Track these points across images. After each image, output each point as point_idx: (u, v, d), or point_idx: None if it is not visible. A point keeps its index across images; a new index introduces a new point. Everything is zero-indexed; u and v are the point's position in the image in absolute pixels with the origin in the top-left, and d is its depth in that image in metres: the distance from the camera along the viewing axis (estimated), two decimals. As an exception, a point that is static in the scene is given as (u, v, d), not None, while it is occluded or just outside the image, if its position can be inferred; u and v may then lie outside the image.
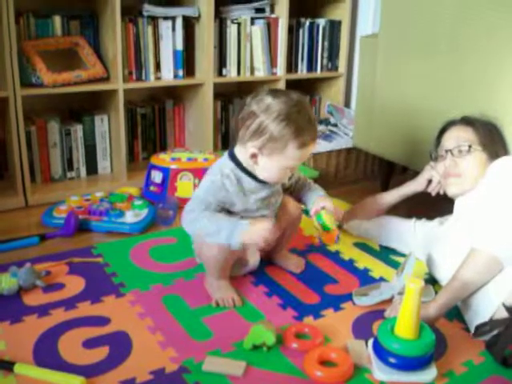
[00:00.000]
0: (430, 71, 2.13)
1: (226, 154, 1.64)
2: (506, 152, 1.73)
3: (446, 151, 1.75)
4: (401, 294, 1.54)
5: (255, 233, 1.48)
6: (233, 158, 1.60)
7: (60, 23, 2.47)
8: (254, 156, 1.54)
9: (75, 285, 1.70)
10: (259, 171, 1.58)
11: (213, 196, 1.55)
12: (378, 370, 1.30)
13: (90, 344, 1.41)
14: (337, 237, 1.65)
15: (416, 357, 1.27)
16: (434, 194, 1.89)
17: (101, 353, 1.37)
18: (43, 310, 1.55)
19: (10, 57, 2.18)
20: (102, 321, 1.51)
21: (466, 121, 1.79)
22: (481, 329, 1.41)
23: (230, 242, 1.49)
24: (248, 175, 1.59)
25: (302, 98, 1.58)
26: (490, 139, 1.73)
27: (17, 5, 2.17)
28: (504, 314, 1.39)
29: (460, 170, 1.72)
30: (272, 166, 1.55)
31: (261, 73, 2.91)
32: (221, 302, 1.60)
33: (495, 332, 1.39)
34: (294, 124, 1.48)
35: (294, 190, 1.79)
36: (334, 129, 2.94)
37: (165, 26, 2.60)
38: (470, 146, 1.70)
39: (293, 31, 3.05)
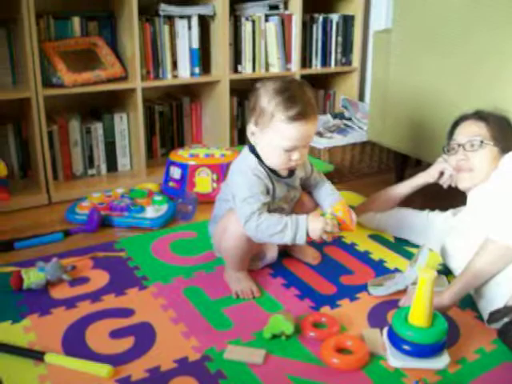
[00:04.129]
0: (443, 65, 2.15)
1: (246, 148, 1.67)
2: (518, 147, 1.76)
3: (459, 145, 1.78)
4: (415, 284, 1.56)
5: (317, 230, 1.52)
6: (254, 152, 1.63)
7: (79, 24, 2.53)
8: (253, 134, 1.60)
9: (100, 278, 1.76)
10: (262, 156, 1.61)
11: (257, 188, 1.57)
12: (393, 357, 1.34)
13: (115, 334, 1.47)
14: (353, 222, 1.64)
15: (429, 344, 1.32)
16: (445, 186, 1.92)
17: (126, 343, 1.43)
18: (70, 303, 1.61)
19: (31, 58, 2.24)
20: (127, 312, 1.57)
21: (479, 115, 1.81)
22: (494, 315, 1.44)
23: (295, 242, 1.54)
24: (268, 169, 1.62)
25: (301, 80, 1.62)
26: (503, 134, 1.75)
27: (37, 7, 2.22)
28: (517, 301, 1.42)
29: (472, 164, 1.74)
30: (267, 144, 1.57)
31: (275, 69, 2.95)
32: (240, 294, 1.65)
33: (508, 319, 1.42)
34: (281, 96, 1.51)
35: (310, 186, 1.82)
36: (348, 123, 2.97)
37: (181, 25, 2.65)
38: (481, 141, 1.73)
39: (306, 27, 3.08)
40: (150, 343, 1.43)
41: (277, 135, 1.54)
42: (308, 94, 1.56)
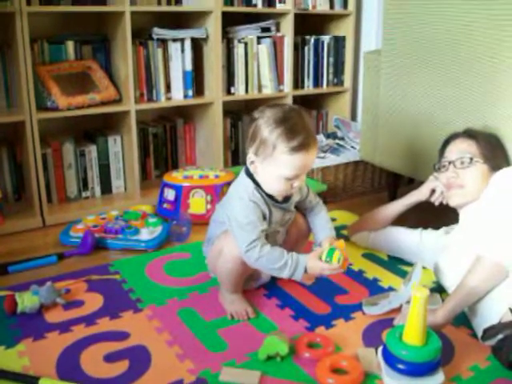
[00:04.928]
0: (433, 85, 2.17)
1: (242, 172, 1.67)
2: (507, 164, 1.78)
3: (449, 163, 1.80)
4: (409, 302, 1.57)
5: (315, 272, 1.56)
6: (250, 176, 1.63)
7: (73, 48, 2.56)
8: (252, 163, 1.59)
9: (94, 301, 1.76)
10: (262, 183, 1.61)
11: (254, 214, 1.57)
12: (388, 377, 1.34)
13: (110, 358, 1.46)
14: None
15: (424, 362, 1.31)
16: (437, 203, 1.93)
17: (121, 366, 1.43)
18: (64, 327, 1.61)
19: (26, 82, 2.26)
20: (122, 335, 1.56)
21: (469, 134, 1.84)
22: (488, 332, 1.45)
23: (291, 278, 1.56)
24: (265, 193, 1.62)
25: (298, 108, 1.61)
26: (492, 152, 1.78)
27: (31, 31, 2.25)
28: (511, 318, 1.43)
29: (462, 181, 1.76)
30: (268, 174, 1.57)
31: (268, 90, 2.98)
32: (235, 315, 1.66)
33: (502, 336, 1.42)
34: (282, 127, 1.51)
35: (305, 209, 1.82)
36: (341, 142, 2.99)
37: (174, 48, 2.68)
38: (471, 159, 1.75)
39: (298, 48, 3.12)
40: (145, 366, 1.43)
41: (279, 165, 1.53)
42: (307, 122, 1.57)
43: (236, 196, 1.62)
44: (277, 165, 1.54)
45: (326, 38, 3.19)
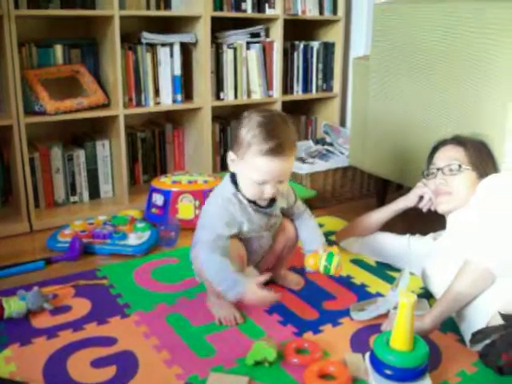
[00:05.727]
0: (421, 91, 2.19)
1: (227, 176, 1.68)
2: (495, 170, 1.79)
3: (437, 169, 1.82)
4: (396, 308, 1.58)
5: (252, 296, 1.50)
6: (234, 181, 1.64)
7: (61, 52, 2.55)
8: (232, 161, 1.61)
9: (81, 307, 1.75)
10: (240, 184, 1.62)
11: (219, 218, 1.58)
12: (375, 382, 1.34)
13: (97, 363, 1.45)
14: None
15: (411, 368, 1.32)
16: (425, 209, 1.94)
17: (109, 372, 1.42)
18: (51, 332, 1.60)
19: (13, 86, 2.25)
20: (109, 341, 1.56)
21: (457, 140, 1.85)
22: (476, 336, 1.46)
23: (225, 295, 1.53)
24: (246, 199, 1.63)
25: (283, 115, 1.62)
26: (480, 159, 1.79)
27: (19, 35, 2.24)
28: (499, 322, 1.43)
29: (450, 188, 1.77)
30: (242, 174, 1.59)
31: (257, 95, 2.99)
32: (223, 321, 1.65)
33: (489, 341, 1.42)
34: (260, 128, 1.51)
35: (292, 215, 1.82)
36: (330, 148, 3.00)
37: (163, 53, 2.68)
38: (460, 166, 1.76)
39: (288, 54, 3.13)
40: (132, 372, 1.42)
41: (250, 167, 1.54)
42: (289, 129, 1.56)
43: (211, 198, 1.66)
44: (247, 166, 1.55)
45: (315, 44, 3.20)
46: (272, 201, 1.68)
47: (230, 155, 1.61)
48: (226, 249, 1.57)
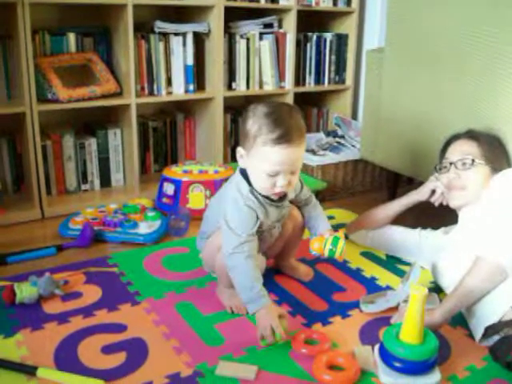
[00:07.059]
0: (435, 84, 2.18)
1: (237, 172, 1.65)
2: (509, 165, 1.78)
3: (450, 164, 1.80)
4: (406, 301, 1.57)
5: (266, 320, 1.47)
6: (245, 176, 1.61)
7: (74, 40, 2.55)
8: (241, 157, 1.58)
9: (92, 293, 1.76)
10: (251, 180, 1.59)
11: (246, 218, 1.56)
12: (384, 374, 1.35)
13: (108, 350, 1.47)
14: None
15: (420, 361, 1.32)
16: (437, 204, 1.93)
17: (119, 358, 1.43)
18: (63, 318, 1.61)
19: (27, 73, 2.25)
20: (119, 328, 1.57)
21: (471, 135, 1.83)
22: (490, 330, 1.46)
23: (245, 306, 1.54)
24: (260, 194, 1.60)
25: (289, 105, 1.60)
26: (494, 153, 1.77)
27: (32, 23, 2.24)
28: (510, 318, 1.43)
29: (463, 182, 1.76)
30: (252, 168, 1.56)
31: (269, 86, 2.98)
32: (234, 309, 1.66)
33: (502, 335, 1.43)
34: (266, 119, 1.49)
35: (300, 202, 1.80)
36: (341, 140, 2.99)
37: (176, 42, 2.67)
38: (473, 160, 1.74)
39: (300, 45, 3.13)
40: (142, 359, 1.43)
41: (259, 159, 1.51)
42: (295, 117, 1.53)
43: (231, 198, 1.60)
44: (257, 158, 1.52)
45: (328, 35, 3.19)
46: (284, 195, 1.66)
47: (239, 151, 1.58)
48: (254, 246, 1.57)
